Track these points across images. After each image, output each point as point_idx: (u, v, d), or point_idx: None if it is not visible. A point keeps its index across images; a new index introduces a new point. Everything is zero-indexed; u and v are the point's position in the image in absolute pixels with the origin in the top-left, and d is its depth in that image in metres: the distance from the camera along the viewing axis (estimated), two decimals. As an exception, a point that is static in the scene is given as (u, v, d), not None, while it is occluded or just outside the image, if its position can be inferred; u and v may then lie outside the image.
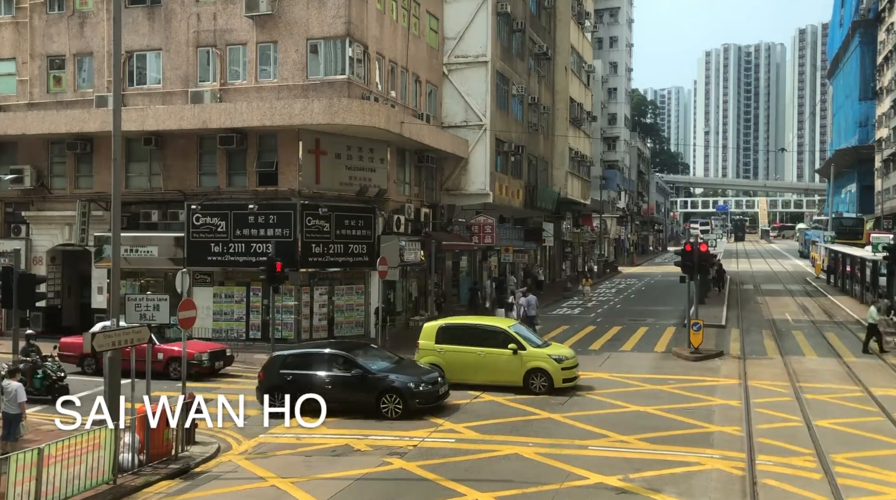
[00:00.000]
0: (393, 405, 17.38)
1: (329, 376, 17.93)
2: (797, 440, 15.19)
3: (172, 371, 21.47)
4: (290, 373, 18.04)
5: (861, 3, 76.64)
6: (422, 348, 20.91)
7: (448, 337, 20.79)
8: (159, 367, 21.24)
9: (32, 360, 18.50)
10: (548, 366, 19.72)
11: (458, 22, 36.10)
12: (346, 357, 18.27)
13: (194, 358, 21.71)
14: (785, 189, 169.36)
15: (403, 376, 17.97)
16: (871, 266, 36.53)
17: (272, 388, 17.58)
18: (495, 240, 37.75)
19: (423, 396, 17.61)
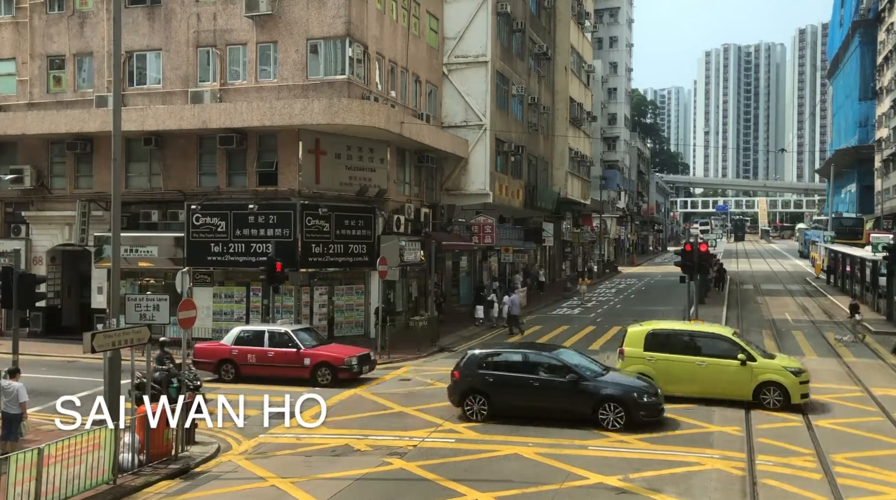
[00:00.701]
0: (614, 416, 15.91)
1: (537, 380, 16.59)
2: (797, 440, 15.19)
3: (320, 377, 20.80)
4: (490, 374, 16.95)
5: (861, 3, 76.60)
6: (628, 356, 18.82)
7: (658, 344, 18.83)
8: (305, 373, 20.84)
9: (167, 368, 17.56)
10: (784, 380, 17.70)
11: (458, 22, 36.12)
12: (559, 361, 16.87)
13: (344, 363, 20.91)
14: (785, 189, 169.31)
15: (623, 384, 16.52)
16: (871, 266, 36.54)
17: (471, 390, 16.80)
18: (495, 240, 37.75)
19: (648, 408, 16.12)
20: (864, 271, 39.01)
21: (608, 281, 56.96)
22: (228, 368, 21.63)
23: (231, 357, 21.63)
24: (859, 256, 40.09)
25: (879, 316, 33.59)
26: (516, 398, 16.68)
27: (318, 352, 21.30)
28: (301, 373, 20.94)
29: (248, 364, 21.46)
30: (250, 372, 21.34)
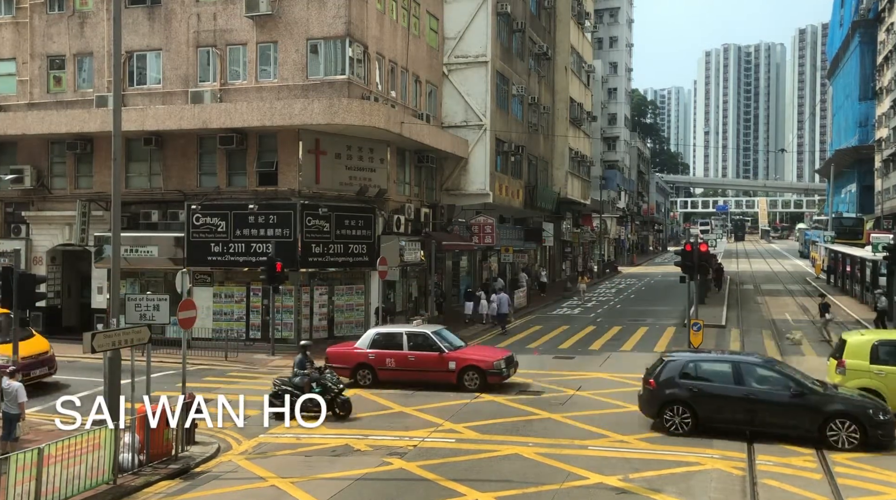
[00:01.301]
0: (846, 435, 14.57)
1: (753, 392, 15.32)
2: (797, 440, 15.16)
3: (468, 382, 19.71)
4: (694, 384, 15.76)
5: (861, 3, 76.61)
6: (850, 369, 17.03)
7: (889, 355, 16.99)
8: (451, 378, 19.84)
9: (308, 372, 17.30)
10: None
11: (458, 22, 36.12)
12: (778, 372, 15.64)
13: (493, 366, 19.72)
14: (785, 189, 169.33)
15: (852, 400, 15.17)
16: (871, 266, 36.51)
17: (672, 401, 15.66)
18: (495, 240, 37.75)
19: (884, 427, 14.64)
20: (864, 271, 38.98)
21: (608, 281, 56.96)
22: (365, 373, 20.62)
23: (368, 362, 20.61)
24: (859, 256, 40.07)
25: (879, 316, 33.50)
26: (726, 412, 15.50)
27: (463, 355, 20.19)
28: (446, 377, 19.88)
29: (387, 369, 20.42)
30: (389, 377, 20.38)
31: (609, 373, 22.38)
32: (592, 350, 26.53)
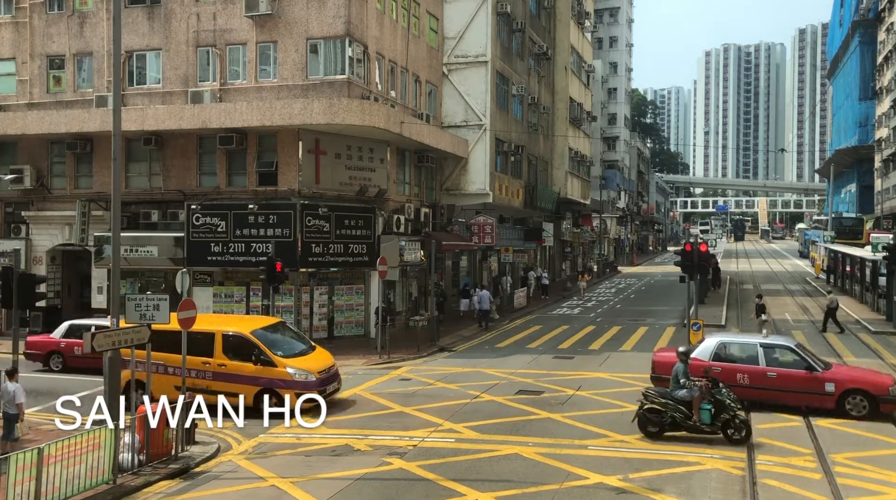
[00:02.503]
0: None
1: None
2: (797, 440, 15.18)
3: (852, 408, 16.94)
4: None
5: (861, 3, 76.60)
6: None
7: None
8: (827, 402, 17.09)
9: (699, 385, 15.08)
10: None
11: (457, 22, 36.13)
12: None
13: (889, 392, 17.00)
14: (785, 189, 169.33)
15: None
16: (871, 266, 36.51)
17: None
18: (495, 240, 37.76)
19: None
20: (864, 271, 38.98)
21: (608, 281, 56.96)
22: None
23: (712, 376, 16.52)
24: (859, 256, 40.07)
25: (879, 316, 33.56)
26: None
27: (843, 376, 17.53)
28: (820, 402, 17.18)
29: (737, 386, 17.28)
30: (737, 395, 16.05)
31: (609, 373, 22.39)
32: (592, 350, 26.53)
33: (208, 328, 18.37)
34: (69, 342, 22.93)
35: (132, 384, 14.66)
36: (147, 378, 15.02)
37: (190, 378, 16.80)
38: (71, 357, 22.94)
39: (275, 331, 19.35)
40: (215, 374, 17.90)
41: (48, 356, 23.22)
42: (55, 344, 23.25)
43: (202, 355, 17.90)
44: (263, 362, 17.81)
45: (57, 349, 23.22)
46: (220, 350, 18.09)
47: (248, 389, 17.41)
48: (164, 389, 17.17)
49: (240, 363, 17.94)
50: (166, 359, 17.81)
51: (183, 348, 15.95)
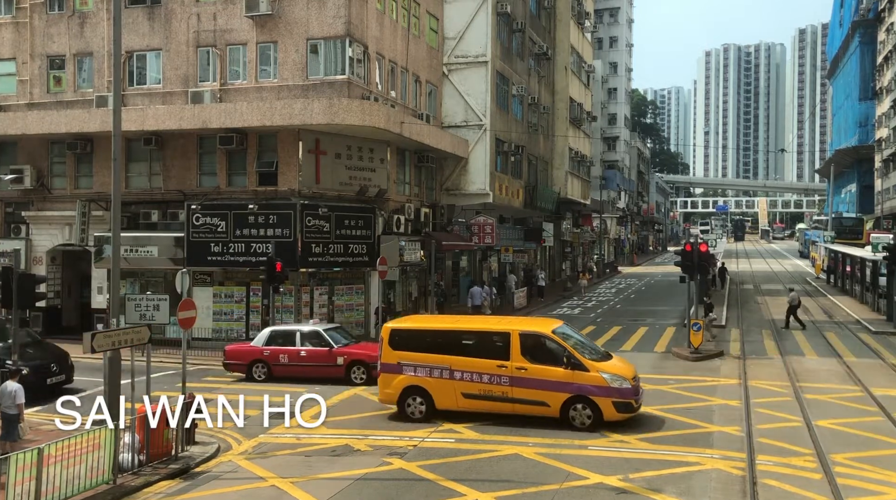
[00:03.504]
0: None
1: None
2: (797, 440, 15.17)
3: None
4: None
5: (861, 3, 76.60)
6: None
7: None
8: None
9: None
10: None
11: (458, 22, 36.14)
12: None
13: None
14: (785, 189, 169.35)
15: None
16: (871, 266, 36.51)
17: None
18: (495, 240, 37.76)
19: None
20: (864, 271, 38.98)
21: (608, 281, 56.96)
22: None
23: None
24: (859, 256, 40.07)
25: (880, 316, 33.55)
26: None
27: None
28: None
29: None
30: None
31: (609, 373, 22.31)
32: (592, 350, 26.46)
33: (502, 328, 16.91)
34: (274, 350, 21.55)
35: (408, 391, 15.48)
36: (147, 378, 14.95)
37: (482, 384, 16.17)
38: (276, 366, 21.49)
39: (565, 332, 17.26)
40: (513, 379, 16.08)
41: (251, 366, 21.68)
42: (259, 352, 21.67)
43: (496, 357, 16.27)
44: (573, 366, 15.90)
45: (261, 358, 21.65)
46: (517, 352, 16.18)
47: (556, 396, 15.88)
48: (448, 397, 16.45)
49: (543, 367, 16.00)
50: (452, 362, 16.45)
51: (183, 348, 15.92)
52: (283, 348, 21.46)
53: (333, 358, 21.06)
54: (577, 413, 15.81)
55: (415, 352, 16.81)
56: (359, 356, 21.02)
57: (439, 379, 16.49)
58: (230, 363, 22.15)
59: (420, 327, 18.09)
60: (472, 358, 16.43)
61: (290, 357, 21.33)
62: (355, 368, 20.90)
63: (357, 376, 20.88)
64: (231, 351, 22.37)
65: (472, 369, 16.31)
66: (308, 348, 21.35)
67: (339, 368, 20.97)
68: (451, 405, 16.57)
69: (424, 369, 16.65)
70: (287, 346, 21.48)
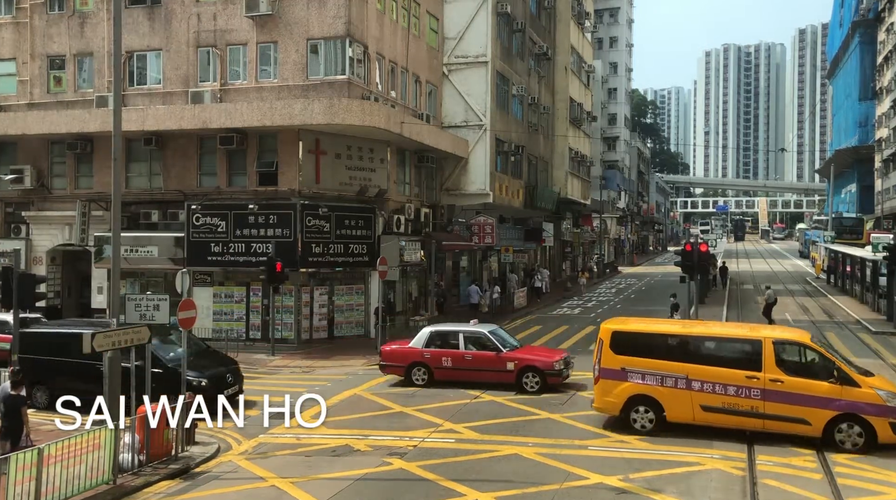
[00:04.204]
0: None
1: None
2: (797, 441, 15.16)
3: None
4: None
5: (861, 3, 76.55)
6: None
7: None
8: None
9: None
10: None
11: (458, 22, 36.15)
12: None
13: None
14: (785, 189, 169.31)
15: None
16: (871, 266, 36.51)
17: None
18: (495, 240, 37.76)
19: None
20: (864, 271, 38.98)
21: (608, 281, 56.95)
22: None
23: None
24: (859, 256, 40.06)
25: (880, 316, 33.55)
26: None
27: None
28: None
29: None
30: None
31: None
32: (592, 350, 26.44)
33: (749, 334, 15.56)
34: (435, 352, 20.43)
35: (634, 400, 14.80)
36: (147, 378, 14.94)
37: (727, 396, 14.76)
38: (438, 370, 20.34)
39: (821, 340, 15.58)
40: (766, 392, 14.57)
41: (409, 368, 20.54)
42: (419, 354, 20.52)
43: (743, 367, 14.85)
44: (842, 380, 14.37)
45: (421, 360, 20.48)
46: (771, 362, 14.66)
47: (819, 413, 14.32)
48: (682, 409, 15.08)
49: (803, 380, 14.51)
50: (689, 371, 15.05)
51: (183, 348, 15.92)
52: (445, 351, 20.29)
53: (503, 363, 19.74)
54: (844, 434, 14.22)
55: (643, 357, 15.44)
56: (531, 362, 19.67)
57: (673, 389, 15.05)
58: (387, 365, 20.99)
59: (649, 331, 16.64)
60: (714, 367, 14.96)
61: (454, 361, 20.15)
62: (527, 374, 19.50)
63: (529, 384, 19.44)
64: (388, 353, 21.14)
65: (713, 379, 14.79)
66: (473, 351, 20.14)
67: (509, 374, 19.64)
68: (685, 418, 15.19)
69: (655, 377, 15.27)
70: (450, 348, 20.35)
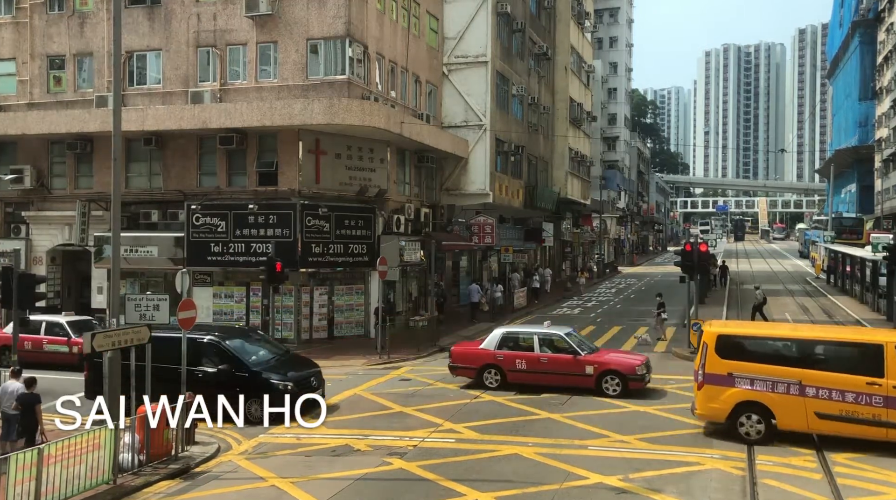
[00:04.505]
0: None
1: None
2: (797, 440, 15.17)
3: None
4: None
5: (861, 4, 76.56)
6: None
7: None
8: None
9: None
10: None
11: (458, 22, 36.15)
12: None
13: None
14: (785, 189, 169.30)
15: None
16: (871, 266, 36.51)
17: None
18: (495, 240, 37.77)
19: None
20: (864, 271, 38.98)
21: (608, 281, 56.94)
22: None
23: None
24: (859, 256, 40.06)
25: (879, 316, 33.55)
26: None
27: None
28: None
29: None
30: None
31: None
32: (592, 350, 26.44)
33: (867, 338, 15.12)
34: (509, 354, 19.88)
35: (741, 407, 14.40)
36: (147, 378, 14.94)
37: (845, 403, 14.18)
38: (512, 372, 19.77)
39: None
40: (889, 399, 13.96)
41: (481, 371, 20.07)
42: (491, 356, 19.96)
43: (863, 373, 14.17)
44: None
45: (494, 362, 19.94)
46: (895, 368, 14.04)
47: None
48: (795, 416, 14.52)
49: None
50: (803, 376, 14.50)
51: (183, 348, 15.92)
52: (519, 353, 19.80)
53: (581, 367, 19.27)
54: None
55: (751, 362, 14.88)
56: (611, 366, 19.19)
57: (784, 395, 14.53)
58: (457, 367, 20.47)
59: (759, 334, 16.09)
60: (830, 373, 14.40)
61: (529, 363, 19.65)
62: (608, 378, 19.02)
63: (610, 388, 18.99)
64: (459, 354, 20.63)
65: (830, 385, 14.22)
66: (549, 354, 19.67)
67: (588, 378, 19.18)
68: (798, 426, 14.65)
69: (765, 383, 14.68)
70: (523, 350, 19.87)
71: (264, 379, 16.80)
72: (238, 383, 16.37)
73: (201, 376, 16.62)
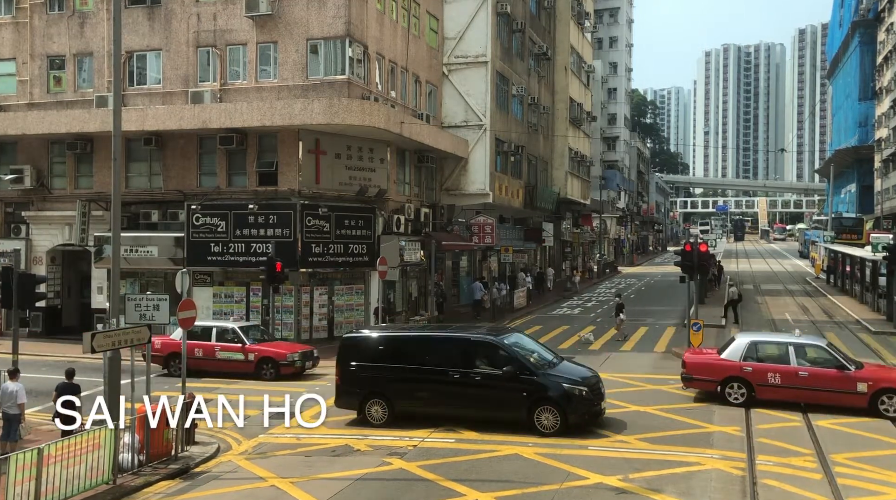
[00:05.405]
0: None
1: None
2: (797, 440, 15.18)
3: None
4: None
5: (861, 4, 76.59)
6: None
7: None
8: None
9: None
10: None
11: (457, 22, 36.15)
12: None
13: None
14: (785, 189, 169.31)
15: None
16: (871, 266, 36.52)
17: None
18: (495, 240, 37.76)
19: None
20: (863, 271, 38.98)
21: (608, 281, 56.94)
22: None
23: None
24: (859, 256, 40.07)
25: (879, 316, 33.55)
26: None
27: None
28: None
29: None
30: None
31: (609, 373, 22.26)
32: (592, 350, 26.50)
33: None
34: (759, 367, 17.62)
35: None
36: (147, 378, 14.94)
37: None
38: (762, 387, 17.56)
39: None
40: None
41: (724, 383, 17.93)
42: (736, 368, 17.73)
43: None
44: None
45: (740, 375, 17.72)
46: None
47: None
48: None
49: None
50: None
51: (183, 348, 15.93)
52: (771, 366, 17.54)
53: (852, 384, 16.84)
54: None
55: None
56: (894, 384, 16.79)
57: None
58: (694, 379, 18.42)
59: None
60: None
61: (783, 378, 17.35)
62: (885, 397, 16.67)
63: (893, 409, 16.66)
64: (696, 364, 18.45)
65: None
66: (808, 367, 17.32)
67: (861, 397, 16.76)
68: None
69: None
70: (775, 362, 17.64)
71: (556, 383, 15.64)
72: (524, 386, 15.51)
73: (479, 379, 15.96)
